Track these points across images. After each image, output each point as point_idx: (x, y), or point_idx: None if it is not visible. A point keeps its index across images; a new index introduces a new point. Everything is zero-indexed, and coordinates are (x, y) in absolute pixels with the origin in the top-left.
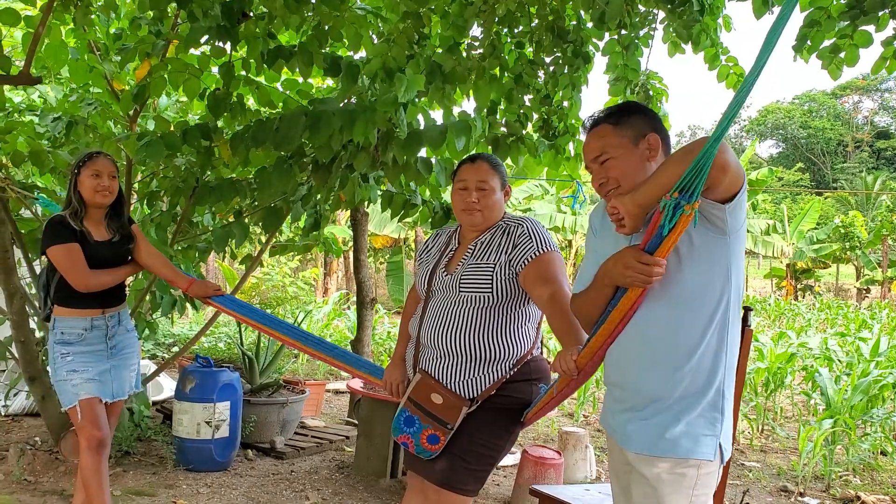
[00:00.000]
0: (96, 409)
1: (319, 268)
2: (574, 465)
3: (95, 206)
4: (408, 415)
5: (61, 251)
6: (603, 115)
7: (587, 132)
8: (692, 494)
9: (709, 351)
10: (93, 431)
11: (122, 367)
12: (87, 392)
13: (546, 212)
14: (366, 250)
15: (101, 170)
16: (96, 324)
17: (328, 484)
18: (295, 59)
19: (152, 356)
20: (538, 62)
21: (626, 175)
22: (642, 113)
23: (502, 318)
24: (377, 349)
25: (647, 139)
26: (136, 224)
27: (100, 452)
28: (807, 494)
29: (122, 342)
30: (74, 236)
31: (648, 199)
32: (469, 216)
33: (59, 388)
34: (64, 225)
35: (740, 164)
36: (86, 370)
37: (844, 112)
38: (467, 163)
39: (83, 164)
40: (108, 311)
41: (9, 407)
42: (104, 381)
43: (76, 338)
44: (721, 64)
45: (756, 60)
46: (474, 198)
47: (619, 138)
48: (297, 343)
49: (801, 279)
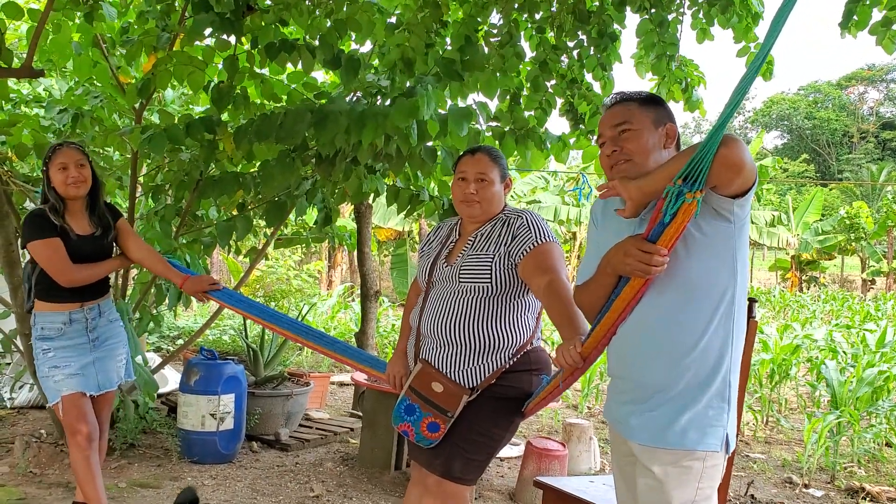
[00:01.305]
0: (80, 403)
1: (324, 260)
2: (578, 456)
3: (72, 199)
4: (408, 403)
5: (42, 246)
6: (630, 94)
7: (610, 106)
8: (697, 487)
9: (714, 341)
10: (77, 427)
11: (107, 358)
12: (70, 388)
13: (551, 204)
14: (370, 242)
15: (66, 161)
16: (75, 317)
17: (332, 476)
18: (298, 52)
19: (157, 349)
20: (561, 47)
21: (640, 152)
22: (665, 107)
23: (502, 307)
24: (381, 342)
25: (666, 126)
26: (123, 218)
27: (87, 447)
28: (811, 486)
29: (106, 333)
30: (55, 230)
31: (654, 187)
32: (467, 207)
33: (42, 385)
34: (45, 218)
35: (753, 161)
36: (67, 365)
37: (850, 103)
38: (467, 154)
39: (49, 159)
40: (86, 304)
41: (14, 399)
42: (87, 375)
43: (56, 332)
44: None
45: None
46: (472, 189)
47: (643, 115)
48: (298, 337)
49: (805, 271)
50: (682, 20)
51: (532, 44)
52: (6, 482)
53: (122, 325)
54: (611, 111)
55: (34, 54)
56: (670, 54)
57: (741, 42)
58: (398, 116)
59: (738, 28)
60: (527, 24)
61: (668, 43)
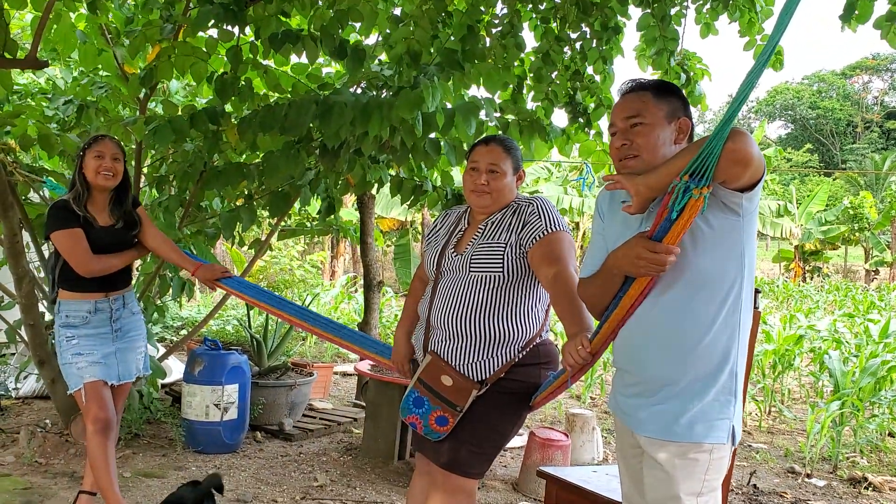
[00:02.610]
0: (101, 391)
1: (327, 250)
2: (581, 446)
3: (99, 189)
4: (417, 395)
5: (64, 236)
6: (648, 83)
7: (625, 93)
8: (704, 479)
9: (721, 335)
10: (98, 413)
11: (127, 349)
12: (92, 375)
13: (553, 194)
14: (372, 233)
15: (104, 151)
16: (100, 307)
17: (336, 466)
18: (302, 43)
19: (161, 339)
20: (564, 38)
21: (650, 147)
22: (680, 97)
23: (512, 299)
24: (384, 332)
25: (679, 121)
26: (142, 206)
27: (106, 435)
28: (814, 476)
29: (128, 325)
30: (78, 221)
31: (660, 184)
32: (478, 198)
33: (64, 371)
34: (68, 209)
35: (762, 155)
36: (91, 353)
37: (854, 92)
38: (481, 144)
39: (88, 146)
40: (111, 294)
41: (19, 390)
42: (109, 364)
43: (80, 321)
44: (757, 44)
45: (769, 39)
46: (484, 180)
47: (657, 108)
48: (305, 324)
49: (809, 261)
50: (686, 14)
51: (536, 34)
52: (12, 472)
53: (142, 318)
54: (624, 100)
55: (39, 44)
56: (671, 49)
57: (746, 36)
58: (403, 108)
59: (741, 22)
60: (531, 15)
61: (668, 38)
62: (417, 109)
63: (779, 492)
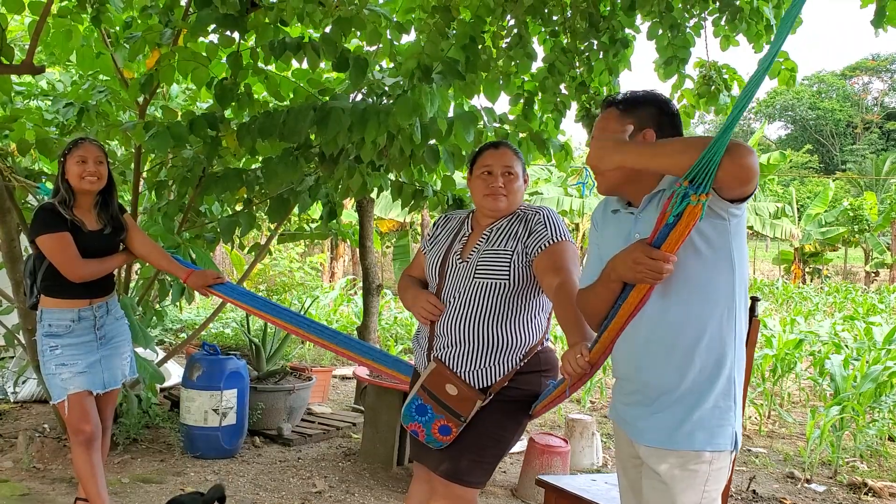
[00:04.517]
0: (85, 403)
1: (326, 252)
2: (581, 452)
3: (83, 194)
4: (420, 403)
5: (52, 239)
6: (617, 98)
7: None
8: (704, 490)
9: (717, 340)
10: (81, 426)
11: (112, 356)
12: (76, 386)
13: (553, 195)
14: (372, 236)
15: (86, 155)
16: (84, 315)
17: (335, 471)
18: (303, 51)
19: (160, 341)
20: (572, 50)
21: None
22: (656, 106)
23: (516, 307)
24: (384, 335)
25: (643, 134)
26: (128, 213)
27: (89, 446)
28: (813, 481)
29: (112, 331)
30: (66, 225)
31: (632, 164)
32: (494, 201)
33: (48, 382)
34: (55, 213)
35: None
36: (75, 363)
37: (854, 93)
38: (490, 148)
39: (69, 151)
40: (95, 301)
41: (17, 394)
42: (94, 373)
43: (64, 330)
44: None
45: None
46: (501, 182)
47: (619, 125)
48: (301, 331)
49: (809, 262)
50: (704, 25)
51: (546, 48)
52: (10, 477)
53: (127, 323)
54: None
55: (35, 49)
56: (681, 58)
57: (754, 46)
58: (401, 114)
59: (748, 34)
60: (540, 28)
61: (678, 46)
62: (415, 116)
63: (778, 497)
